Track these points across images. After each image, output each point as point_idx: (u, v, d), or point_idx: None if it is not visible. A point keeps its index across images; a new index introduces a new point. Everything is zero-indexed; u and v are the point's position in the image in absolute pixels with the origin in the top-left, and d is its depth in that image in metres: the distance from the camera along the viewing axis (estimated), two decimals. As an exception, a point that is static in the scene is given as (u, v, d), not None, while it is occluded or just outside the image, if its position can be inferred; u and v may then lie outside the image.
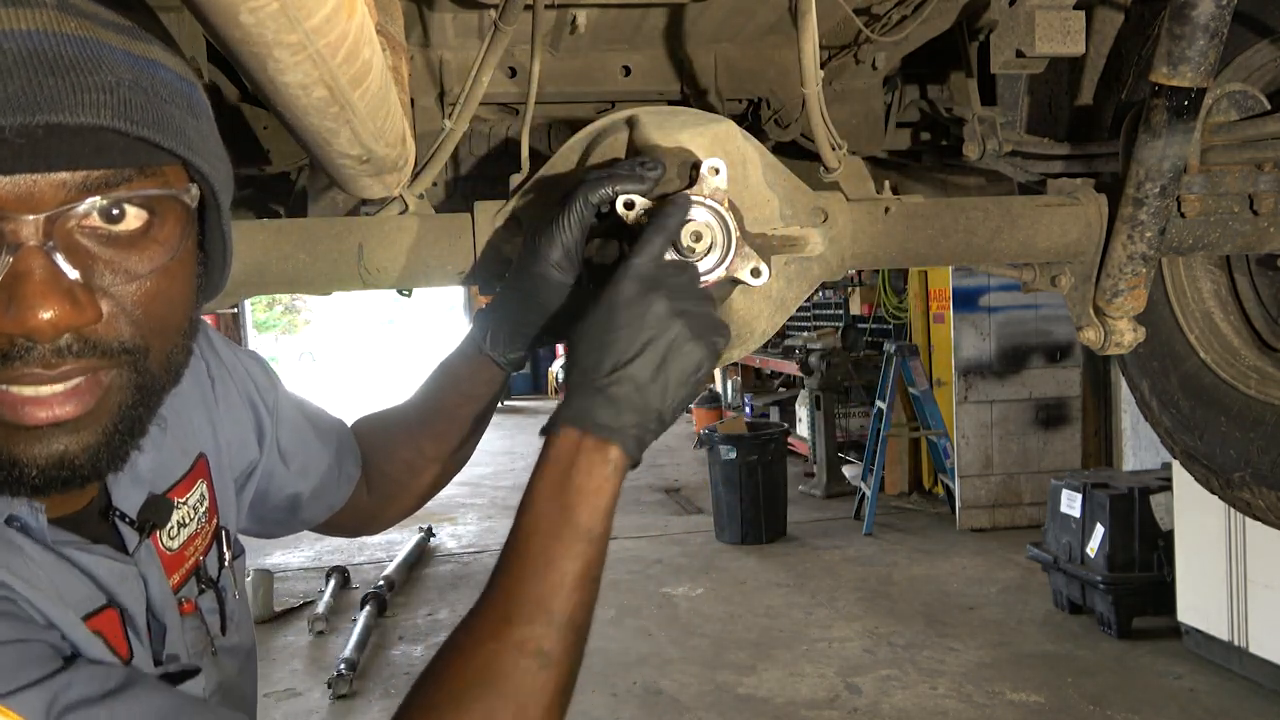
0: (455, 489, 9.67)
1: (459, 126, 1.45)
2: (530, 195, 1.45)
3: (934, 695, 4.73)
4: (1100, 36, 1.84)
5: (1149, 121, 1.43)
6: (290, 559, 7.45)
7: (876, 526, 7.52)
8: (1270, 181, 1.57)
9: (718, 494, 7.54)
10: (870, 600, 6.05)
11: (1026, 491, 7.43)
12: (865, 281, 9.25)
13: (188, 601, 0.97)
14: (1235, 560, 4.66)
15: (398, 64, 1.29)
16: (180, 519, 0.99)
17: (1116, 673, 4.90)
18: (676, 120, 1.38)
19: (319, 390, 21.77)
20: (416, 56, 1.84)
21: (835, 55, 1.88)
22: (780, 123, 1.91)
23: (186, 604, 0.97)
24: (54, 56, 0.65)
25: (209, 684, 0.97)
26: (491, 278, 1.42)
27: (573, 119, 2.02)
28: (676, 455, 11.05)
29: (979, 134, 1.80)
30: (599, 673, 5.11)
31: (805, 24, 1.33)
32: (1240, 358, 1.88)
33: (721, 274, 1.20)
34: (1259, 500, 1.83)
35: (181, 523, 0.99)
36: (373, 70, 0.90)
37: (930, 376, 7.92)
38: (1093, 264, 1.58)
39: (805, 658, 5.21)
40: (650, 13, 1.73)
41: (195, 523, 1.02)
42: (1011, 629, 5.51)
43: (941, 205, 1.55)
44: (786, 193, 1.45)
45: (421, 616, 6.07)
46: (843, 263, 1.49)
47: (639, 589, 6.42)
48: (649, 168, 1.10)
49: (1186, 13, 1.30)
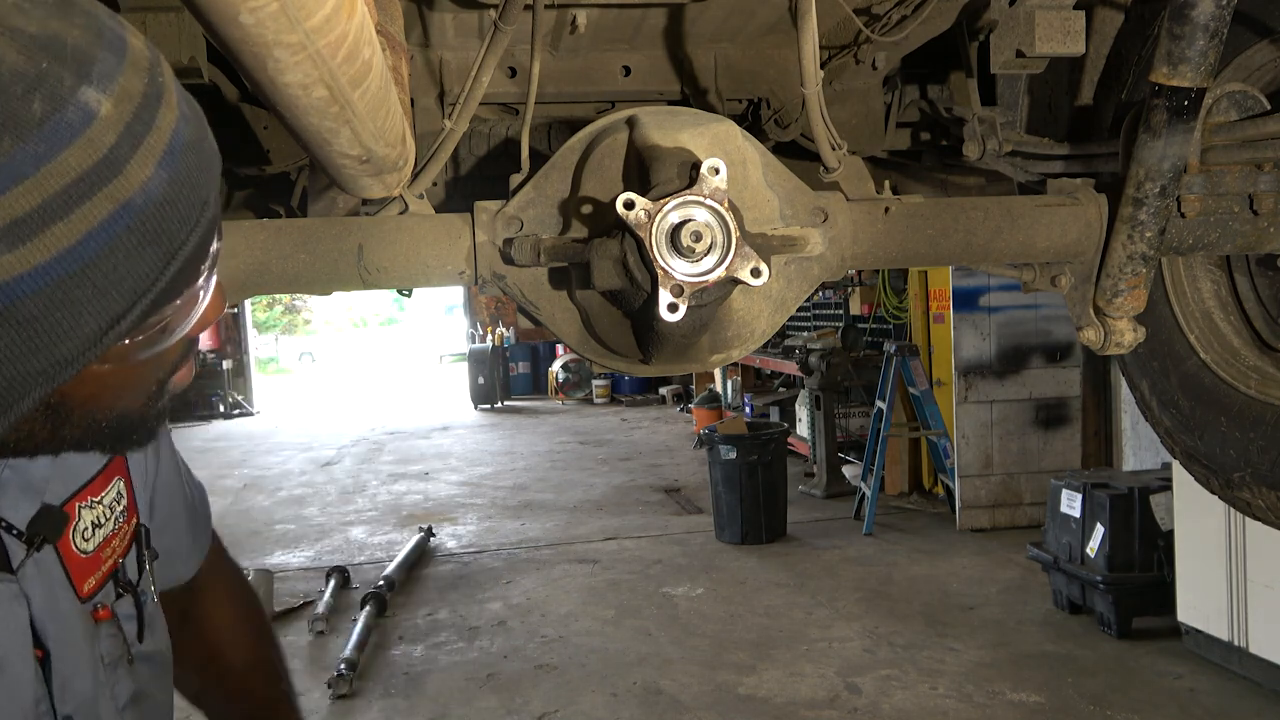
0: (455, 489, 9.70)
1: (459, 126, 1.46)
2: (530, 195, 1.46)
3: (934, 695, 4.73)
4: (1100, 36, 1.84)
5: (1149, 121, 1.43)
6: (290, 559, 7.45)
7: (876, 526, 7.52)
8: (1270, 181, 1.57)
9: (718, 494, 7.54)
10: (870, 600, 6.05)
11: (1026, 491, 7.43)
12: (865, 281, 9.26)
13: (104, 608, 0.93)
14: (1235, 560, 4.66)
15: (398, 64, 1.29)
16: (95, 518, 0.94)
17: (1116, 673, 4.90)
18: (676, 120, 1.38)
19: (317, 391, 21.78)
20: (416, 56, 1.84)
21: (835, 55, 1.88)
22: (780, 123, 1.91)
23: (102, 610, 0.93)
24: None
25: (123, 695, 0.94)
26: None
27: (573, 119, 2.03)
28: (676, 455, 11.05)
29: (979, 134, 1.80)
30: (599, 673, 5.11)
31: (805, 24, 1.33)
32: (1240, 358, 1.88)
33: (721, 274, 1.20)
34: (1259, 500, 1.83)
35: (96, 522, 0.94)
36: (373, 70, 0.90)
37: (930, 376, 7.92)
38: (1093, 264, 1.58)
39: (805, 658, 5.21)
40: (650, 13, 1.73)
41: (112, 522, 0.97)
42: (1011, 629, 5.51)
43: (941, 205, 1.55)
44: (786, 193, 1.45)
45: (421, 616, 6.07)
46: (843, 263, 1.49)
47: (639, 589, 6.42)
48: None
49: (1186, 13, 1.30)
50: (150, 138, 0.62)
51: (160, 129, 0.63)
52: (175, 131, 0.65)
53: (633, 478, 9.96)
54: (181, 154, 0.65)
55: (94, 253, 0.60)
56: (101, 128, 0.59)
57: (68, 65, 0.58)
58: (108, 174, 0.59)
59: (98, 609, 0.93)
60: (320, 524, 8.57)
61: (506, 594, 6.43)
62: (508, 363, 16.95)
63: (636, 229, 1.18)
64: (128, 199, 0.61)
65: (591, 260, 1.27)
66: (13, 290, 0.58)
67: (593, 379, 16.15)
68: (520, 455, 11.65)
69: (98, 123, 0.59)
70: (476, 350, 16.29)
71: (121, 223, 0.61)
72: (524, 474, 10.46)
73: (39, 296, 0.58)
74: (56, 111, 0.57)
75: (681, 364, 1.51)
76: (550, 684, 5.00)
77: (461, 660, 5.36)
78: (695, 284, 1.19)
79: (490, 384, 15.95)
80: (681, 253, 1.18)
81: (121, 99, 0.60)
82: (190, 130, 0.67)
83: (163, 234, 0.64)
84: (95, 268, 0.60)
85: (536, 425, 14.15)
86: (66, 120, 0.58)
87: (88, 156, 0.58)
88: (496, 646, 5.54)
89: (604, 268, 1.27)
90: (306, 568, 7.19)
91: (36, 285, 0.58)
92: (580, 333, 1.50)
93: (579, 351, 1.55)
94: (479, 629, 5.82)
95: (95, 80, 0.59)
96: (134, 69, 0.62)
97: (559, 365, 16.49)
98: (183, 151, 0.65)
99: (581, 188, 1.41)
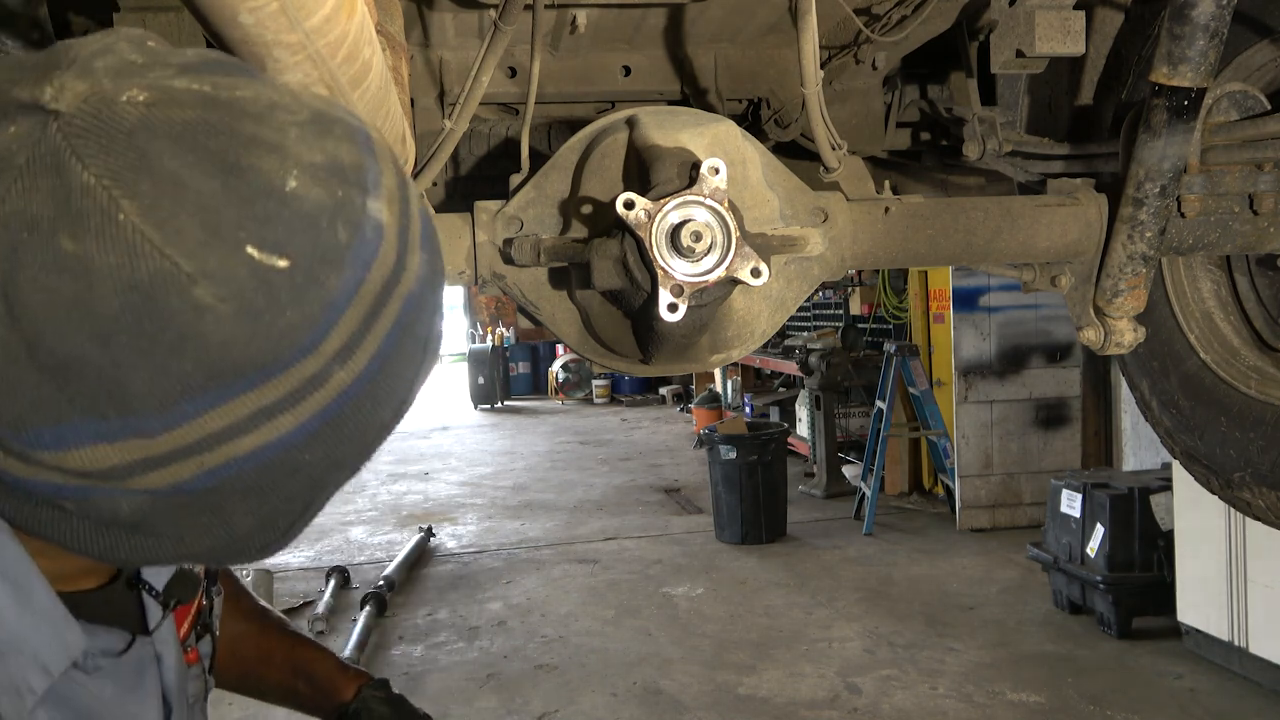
0: (455, 489, 9.70)
1: (459, 126, 1.46)
2: (530, 195, 1.46)
3: (934, 695, 4.73)
4: (1100, 36, 1.84)
5: (1149, 121, 1.43)
6: (290, 559, 7.44)
7: (876, 526, 7.52)
8: (1270, 181, 1.57)
9: (718, 494, 7.54)
10: (870, 600, 6.05)
11: (1026, 491, 7.43)
12: (865, 281, 9.25)
13: (192, 649, 0.94)
14: (1235, 560, 4.66)
15: (398, 64, 1.29)
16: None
17: (1116, 673, 4.90)
18: (676, 120, 1.38)
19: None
20: (416, 56, 1.84)
21: (835, 55, 1.88)
22: (780, 123, 1.91)
23: (191, 651, 0.94)
24: None
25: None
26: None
27: (573, 119, 2.02)
28: (676, 455, 11.05)
29: (979, 134, 1.80)
30: (599, 673, 5.11)
31: (805, 24, 1.33)
32: (1240, 358, 1.88)
33: (721, 274, 1.20)
34: (1259, 500, 1.83)
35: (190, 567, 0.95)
36: (373, 70, 0.90)
37: (930, 376, 7.92)
38: (1093, 264, 1.58)
39: (805, 658, 5.21)
40: (650, 13, 1.73)
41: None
42: (1011, 629, 5.51)
43: (941, 205, 1.55)
44: (786, 193, 1.45)
45: (421, 616, 6.07)
46: (843, 263, 1.49)
47: (639, 589, 6.42)
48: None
49: (1186, 13, 1.30)
50: (413, 228, 0.65)
51: (415, 217, 0.66)
52: (421, 212, 0.68)
53: (633, 478, 9.96)
54: (428, 234, 0.68)
55: (391, 351, 0.64)
56: (390, 236, 0.62)
57: (354, 185, 0.60)
58: (399, 274, 0.63)
59: (188, 650, 0.93)
60: (319, 524, 8.55)
61: (506, 594, 6.43)
62: (508, 363, 16.95)
63: (636, 229, 1.18)
64: (411, 291, 0.65)
65: (591, 260, 1.27)
66: (345, 397, 0.63)
67: (593, 379, 16.14)
68: (520, 455, 11.65)
69: (386, 232, 0.62)
70: (476, 350, 16.28)
71: (407, 317, 0.65)
72: (524, 474, 10.45)
73: (359, 398, 0.63)
74: (358, 233, 0.60)
75: (681, 364, 1.51)
76: (550, 684, 5.00)
77: (461, 660, 5.36)
78: (695, 284, 1.19)
79: (490, 384, 15.95)
80: (681, 253, 1.18)
81: (391, 200, 0.63)
82: (420, 199, 0.70)
83: (425, 316, 0.67)
84: (390, 363, 0.64)
85: (536, 425, 14.15)
86: (366, 239, 0.60)
87: (386, 266, 0.62)
88: (496, 646, 5.53)
89: (604, 268, 1.27)
90: (306, 568, 7.19)
91: (359, 390, 0.63)
92: (580, 333, 1.50)
93: (579, 351, 1.55)
94: (479, 629, 5.82)
95: (372, 190, 0.62)
96: (385, 163, 0.64)
97: (559, 365, 16.49)
98: (428, 232, 0.68)
99: (581, 188, 1.41)
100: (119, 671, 0.78)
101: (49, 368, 0.55)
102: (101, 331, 0.54)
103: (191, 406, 0.57)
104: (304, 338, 0.58)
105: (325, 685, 1.33)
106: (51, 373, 0.55)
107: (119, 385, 0.56)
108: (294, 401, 0.60)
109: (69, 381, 0.55)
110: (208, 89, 0.58)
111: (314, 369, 0.60)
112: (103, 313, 0.54)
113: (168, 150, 0.55)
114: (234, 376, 0.57)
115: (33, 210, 0.54)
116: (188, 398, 0.57)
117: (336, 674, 1.34)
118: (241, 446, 0.60)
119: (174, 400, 0.57)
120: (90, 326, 0.54)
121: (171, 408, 0.57)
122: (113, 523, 0.62)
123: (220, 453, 0.60)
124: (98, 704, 0.74)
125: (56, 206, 0.54)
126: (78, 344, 0.55)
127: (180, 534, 0.64)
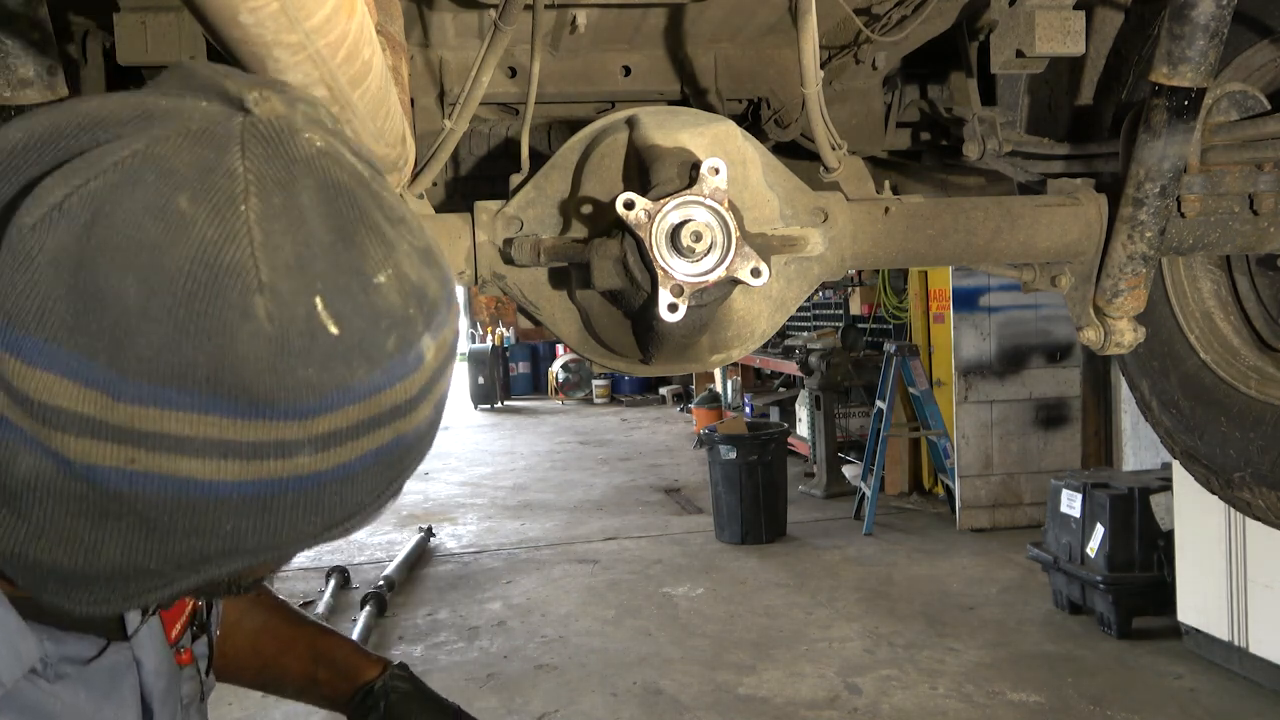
0: (455, 489, 9.70)
1: (459, 126, 1.45)
2: (530, 195, 1.46)
3: (934, 695, 4.73)
4: (1100, 36, 1.84)
5: (1149, 121, 1.43)
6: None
7: (876, 526, 7.52)
8: (1270, 181, 1.57)
9: (718, 494, 7.54)
10: (870, 600, 6.05)
11: (1026, 491, 7.43)
12: (865, 281, 9.25)
13: (185, 650, 0.94)
14: (1235, 560, 4.66)
15: (398, 64, 1.29)
16: None
17: (1116, 673, 4.90)
18: (676, 120, 1.38)
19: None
20: (416, 56, 1.84)
21: (835, 55, 1.88)
22: (780, 123, 1.91)
23: (184, 653, 0.94)
24: None
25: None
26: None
27: (573, 119, 2.02)
28: (676, 455, 11.05)
29: (979, 134, 1.80)
30: (599, 673, 5.11)
31: (805, 24, 1.33)
32: (1240, 358, 1.88)
33: (721, 274, 1.20)
34: (1259, 500, 1.83)
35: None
36: (373, 70, 0.90)
37: (930, 376, 7.92)
38: (1093, 264, 1.58)
39: (805, 658, 5.21)
40: (650, 13, 1.73)
41: None
42: (1011, 629, 5.51)
43: (941, 205, 1.55)
44: (786, 193, 1.45)
45: (421, 616, 6.07)
46: (843, 263, 1.49)
47: (639, 589, 6.42)
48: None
49: (1186, 13, 1.30)
50: (440, 385, 0.69)
51: (447, 378, 0.70)
52: (449, 378, 0.71)
53: (633, 478, 9.96)
54: (444, 399, 0.71)
55: (358, 471, 0.65)
56: (423, 373, 0.65)
57: (424, 314, 0.64)
58: (407, 410, 0.65)
59: (179, 652, 0.93)
60: (320, 524, 8.56)
61: (506, 594, 6.43)
62: (508, 363, 16.95)
63: (636, 229, 1.18)
64: (405, 433, 0.66)
65: (591, 260, 1.27)
66: (294, 484, 0.63)
67: (593, 379, 16.14)
68: (520, 455, 11.65)
69: (423, 368, 0.65)
70: (476, 350, 16.28)
71: (390, 453, 0.66)
72: (524, 474, 10.45)
73: (305, 493, 0.64)
74: (403, 352, 0.63)
75: (681, 364, 1.51)
76: (550, 684, 5.00)
77: (461, 660, 5.36)
78: (695, 284, 1.20)
79: (490, 384, 15.95)
80: (681, 253, 1.18)
81: (440, 349, 0.67)
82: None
83: (403, 465, 0.69)
84: (349, 483, 0.65)
85: (536, 425, 14.15)
86: (406, 361, 0.63)
87: (405, 394, 0.64)
88: (496, 646, 5.54)
89: (604, 268, 1.27)
90: (306, 567, 7.18)
91: (309, 485, 0.63)
92: (580, 333, 1.50)
93: (579, 351, 1.55)
94: (479, 629, 5.82)
95: (434, 328, 0.65)
96: (454, 319, 0.69)
97: (559, 365, 16.48)
98: (444, 397, 0.71)
99: (581, 188, 1.41)
100: (91, 677, 0.78)
101: (81, 290, 0.56)
102: (154, 283, 0.56)
103: (172, 395, 0.57)
104: (307, 400, 0.59)
105: (346, 668, 1.35)
106: (80, 295, 0.56)
107: (128, 336, 0.56)
108: (252, 454, 0.59)
109: (88, 311, 0.56)
110: (367, 174, 0.64)
111: (290, 436, 0.60)
112: (167, 267, 0.56)
113: (312, 190, 0.60)
114: (229, 393, 0.57)
115: (174, 163, 0.58)
116: (176, 385, 0.57)
117: (357, 657, 1.37)
118: (178, 466, 0.59)
119: (164, 379, 0.57)
120: (147, 274, 0.56)
121: (155, 385, 0.57)
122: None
123: (155, 459, 0.58)
124: (67, 710, 0.74)
125: (196, 171, 0.58)
126: (124, 283, 0.56)
127: (44, 529, 0.62)
